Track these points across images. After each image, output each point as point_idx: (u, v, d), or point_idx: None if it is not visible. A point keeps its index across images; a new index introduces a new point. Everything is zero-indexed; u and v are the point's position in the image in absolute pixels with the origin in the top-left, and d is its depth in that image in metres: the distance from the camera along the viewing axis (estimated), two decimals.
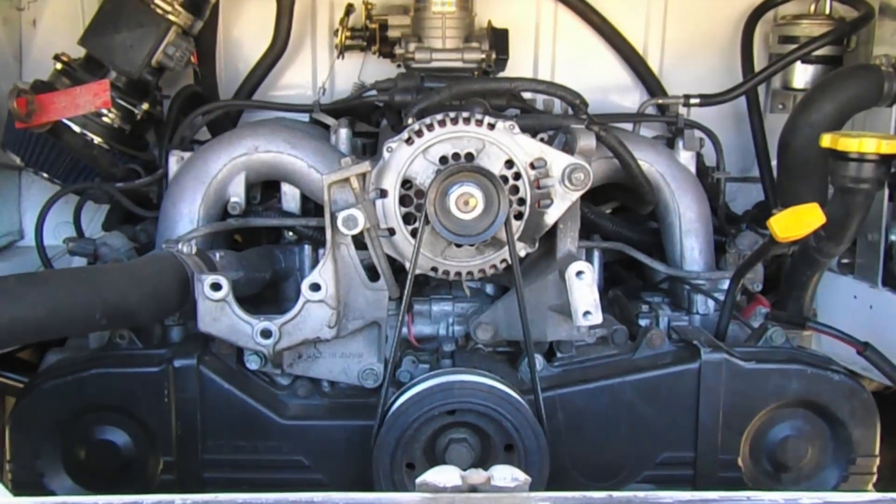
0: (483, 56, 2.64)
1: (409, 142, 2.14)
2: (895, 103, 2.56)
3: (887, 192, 2.54)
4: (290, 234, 2.51)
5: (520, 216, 2.16)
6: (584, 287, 2.10)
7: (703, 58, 3.08)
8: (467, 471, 1.49)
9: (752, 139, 2.99)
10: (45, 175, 2.73)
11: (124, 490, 2.14)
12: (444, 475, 1.47)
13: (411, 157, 2.14)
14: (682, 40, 3.08)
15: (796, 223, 2.11)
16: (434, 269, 2.21)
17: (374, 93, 2.65)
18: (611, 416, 2.19)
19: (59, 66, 2.66)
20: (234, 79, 2.96)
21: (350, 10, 2.84)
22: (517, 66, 2.92)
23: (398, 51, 2.67)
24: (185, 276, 2.10)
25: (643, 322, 2.43)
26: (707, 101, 2.84)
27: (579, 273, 2.10)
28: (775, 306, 2.47)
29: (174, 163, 2.54)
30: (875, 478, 2.24)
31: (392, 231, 2.17)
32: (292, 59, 3.00)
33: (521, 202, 2.16)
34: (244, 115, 2.97)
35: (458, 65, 2.63)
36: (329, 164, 2.39)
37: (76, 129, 2.63)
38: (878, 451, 2.22)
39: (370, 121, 2.79)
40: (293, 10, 2.79)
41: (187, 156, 2.52)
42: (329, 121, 2.64)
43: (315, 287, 2.14)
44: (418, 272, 2.17)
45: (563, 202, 2.17)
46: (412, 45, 2.63)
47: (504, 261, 2.20)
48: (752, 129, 2.98)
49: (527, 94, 2.69)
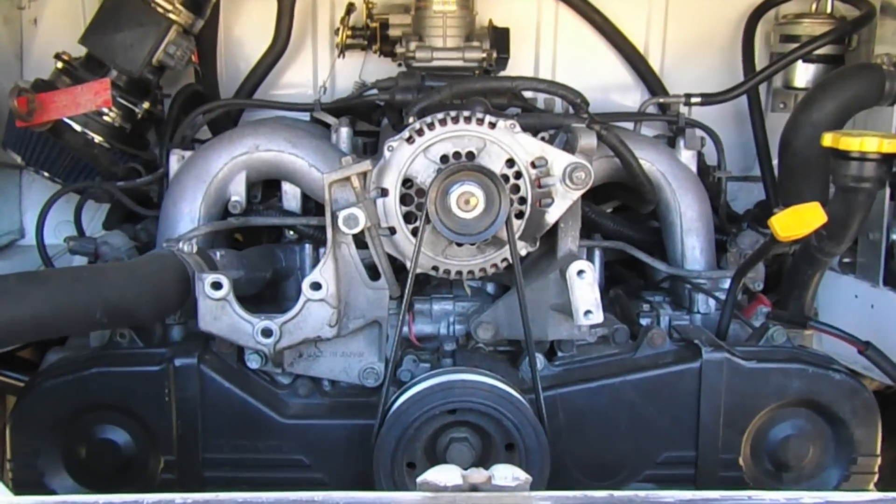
0: (484, 55, 2.64)
1: (409, 141, 2.13)
2: None
3: (889, 191, 2.53)
4: (291, 233, 2.51)
5: (521, 215, 2.16)
6: (585, 286, 2.10)
7: (705, 57, 3.07)
8: (468, 470, 1.49)
9: (753, 138, 2.98)
10: (46, 174, 2.73)
11: (125, 489, 2.13)
12: (444, 474, 1.47)
13: (412, 155, 2.13)
14: (684, 39, 3.08)
15: (797, 222, 2.10)
16: (435, 268, 2.21)
17: (374, 92, 2.66)
18: (612, 415, 2.18)
19: (59, 64, 2.66)
20: (234, 78, 2.96)
21: (351, 9, 2.84)
22: (518, 65, 2.92)
23: (399, 50, 2.67)
24: (185, 275, 2.10)
25: (644, 321, 2.43)
26: (708, 100, 2.83)
27: (580, 272, 2.10)
28: (776, 305, 2.47)
29: (175, 162, 2.55)
30: (876, 477, 2.24)
31: (393, 230, 2.17)
32: (293, 57, 2.99)
33: (522, 201, 2.16)
34: (245, 114, 2.97)
35: (459, 64, 2.64)
36: (330, 163, 2.39)
37: (77, 127, 2.63)
38: (879, 451, 2.22)
39: (371, 120, 2.79)
40: (294, 9, 2.79)
41: (188, 155, 2.52)
42: (330, 120, 2.63)
43: (316, 286, 2.13)
44: (419, 271, 2.17)
45: (564, 201, 2.16)
46: (413, 44, 2.63)
47: (505, 260, 2.20)
48: (754, 128, 2.98)
49: (528, 93, 2.69)
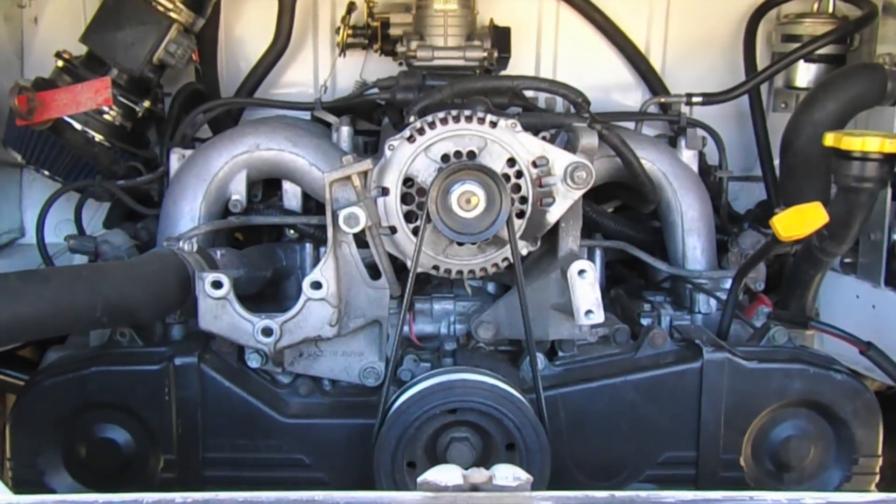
0: (485, 54, 2.64)
1: (410, 140, 2.13)
2: None
3: (890, 191, 2.53)
4: (292, 232, 2.51)
5: (521, 214, 2.16)
6: (586, 286, 2.10)
7: (706, 56, 3.07)
8: (469, 470, 1.48)
9: (754, 138, 2.98)
10: (47, 172, 2.73)
11: (125, 488, 2.14)
12: (445, 474, 1.46)
13: (413, 155, 2.13)
14: (685, 39, 3.07)
15: (799, 222, 2.10)
16: (435, 268, 2.21)
17: (375, 91, 2.66)
18: (613, 415, 2.18)
19: (60, 63, 2.66)
20: (235, 76, 2.96)
21: (352, 8, 2.84)
22: (519, 65, 2.91)
23: (400, 49, 2.67)
24: (186, 273, 2.09)
25: (645, 321, 2.43)
26: (709, 99, 2.83)
27: (581, 272, 2.10)
28: (777, 306, 2.46)
29: (175, 160, 2.54)
30: (878, 478, 2.23)
31: (393, 229, 2.16)
32: (294, 56, 2.99)
33: (523, 200, 2.15)
34: (245, 112, 2.97)
35: (460, 63, 2.63)
36: (330, 162, 2.39)
37: (77, 126, 2.63)
38: (880, 452, 2.22)
39: (372, 119, 2.79)
40: (295, 8, 2.79)
41: (188, 153, 2.52)
42: (331, 119, 2.63)
43: (316, 285, 2.13)
44: (420, 270, 2.16)
45: (565, 201, 2.16)
46: (414, 44, 2.63)
47: (506, 259, 2.20)
48: (755, 127, 2.98)
49: (529, 93, 2.69)
